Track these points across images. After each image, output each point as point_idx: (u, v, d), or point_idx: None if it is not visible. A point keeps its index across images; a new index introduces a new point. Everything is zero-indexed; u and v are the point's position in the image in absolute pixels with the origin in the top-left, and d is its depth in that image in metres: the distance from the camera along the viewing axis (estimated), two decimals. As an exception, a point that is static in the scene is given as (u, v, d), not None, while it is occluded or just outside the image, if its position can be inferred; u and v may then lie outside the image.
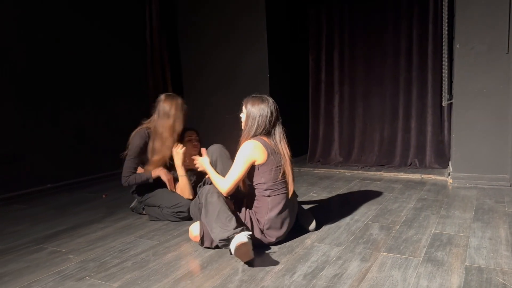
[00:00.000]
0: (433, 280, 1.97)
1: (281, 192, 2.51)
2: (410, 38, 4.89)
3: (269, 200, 2.50)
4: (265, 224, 2.49)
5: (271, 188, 2.49)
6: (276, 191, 2.50)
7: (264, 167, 2.48)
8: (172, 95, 3.17)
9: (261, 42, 5.25)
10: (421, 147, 4.92)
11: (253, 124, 2.51)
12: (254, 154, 2.46)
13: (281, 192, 2.51)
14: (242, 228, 2.30)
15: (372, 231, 2.71)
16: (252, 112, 2.51)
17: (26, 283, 2.18)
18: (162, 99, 3.12)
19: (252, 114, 2.51)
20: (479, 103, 3.83)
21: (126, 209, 3.54)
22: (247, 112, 2.54)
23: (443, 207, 3.21)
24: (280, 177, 2.50)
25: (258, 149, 2.46)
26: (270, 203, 2.49)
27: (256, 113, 2.50)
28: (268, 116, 2.50)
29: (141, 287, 2.06)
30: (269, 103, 2.52)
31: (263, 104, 2.51)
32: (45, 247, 2.71)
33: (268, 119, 2.50)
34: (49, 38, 4.50)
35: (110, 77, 5.20)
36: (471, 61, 3.82)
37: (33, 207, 3.82)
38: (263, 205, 2.51)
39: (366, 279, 2.02)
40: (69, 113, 4.72)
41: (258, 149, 2.46)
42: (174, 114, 3.07)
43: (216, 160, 2.69)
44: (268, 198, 2.50)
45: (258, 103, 2.51)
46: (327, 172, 4.92)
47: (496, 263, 2.15)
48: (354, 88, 5.27)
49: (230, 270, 2.20)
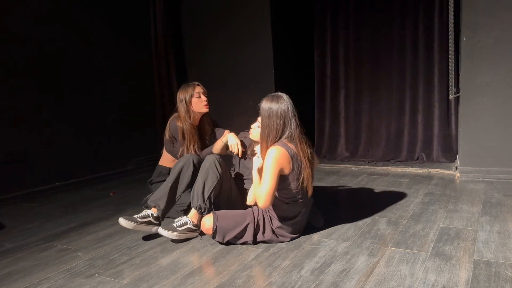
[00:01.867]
0: (441, 275, 1.97)
1: (299, 199, 2.46)
2: (416, 31, 4.86)
3: (286, 207, 2.47)
4: (277, 227, 2.48)
5: (291, 197, 2.43)
6: (295, 199, 2.45)
7: (289, 177, 2.38)
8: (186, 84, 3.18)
9: (266, 37, 5.24)
10: (428, 141, 4.89)
11: (271, 127, 2.35)
12: (281, 162, 2.30)
13: (299, 199, 2.46)
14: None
15: (380, 226, 2.71)
16: (268, 114, 2.35)
17: (35, 280, 2.20)
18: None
19: (269, 115, 2.35)
20: (486, 96, 3.80)
21: (134, 207, 3.56)
22: (262, 114, 2.39)
23: (451, 201, 3.19)
24: (300, 185, 2.40)
25: (284, 157, 2.31)
26: (286, 211, 2.47)
27: (273, 113, 2.34)
28: (286, 116, 2.35)
29: (149, 283, 2.08)
30: (284, 101, 2.36)
31: (279, 103, 2.35)
32: (54, 245, 2.74)
33: (286, 118, 2.35)
34: (57, 38, 4.52)
35: (118, 74, 5.22)
36: (478, 54, 3.79)
37: (42, 205, 3.86)
38: (280, 208, 2.47)
39: (374, 274, 2.02)
40: (77, 111, 4.75)
41: (284, 157, 2.31)
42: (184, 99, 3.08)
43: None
44: (286, 206, 2.46)
45: (274, 103, 2.35)
46: (333, 167, 4.91)
47: (504, 256, 2.14)
48: (360, 82, 5.24)
49: (238, 266, 2.21)
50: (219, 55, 5.62)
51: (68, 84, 4.66)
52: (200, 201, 2.61)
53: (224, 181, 2.69)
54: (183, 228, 2.63)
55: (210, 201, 2.63)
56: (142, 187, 4.31)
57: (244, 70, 5.43)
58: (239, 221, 2.48)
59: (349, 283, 1.94)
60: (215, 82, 5.67)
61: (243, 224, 2.47)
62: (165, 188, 2.79)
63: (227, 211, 2.59)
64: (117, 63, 5.21)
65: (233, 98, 5.36)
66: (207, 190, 2.61)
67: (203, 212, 2.62)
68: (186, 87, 3.11)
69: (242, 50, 5.44)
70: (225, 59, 5.58)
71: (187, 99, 3.06)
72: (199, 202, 2.62)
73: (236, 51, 5.49)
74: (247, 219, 2.49)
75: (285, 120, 2.36)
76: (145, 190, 3.96)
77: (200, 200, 2.62)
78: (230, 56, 5.55)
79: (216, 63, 5.65)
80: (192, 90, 3.07)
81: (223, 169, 2.67)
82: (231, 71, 5.55)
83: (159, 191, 2.82)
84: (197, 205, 2.63)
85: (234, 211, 2.60)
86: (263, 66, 5.28)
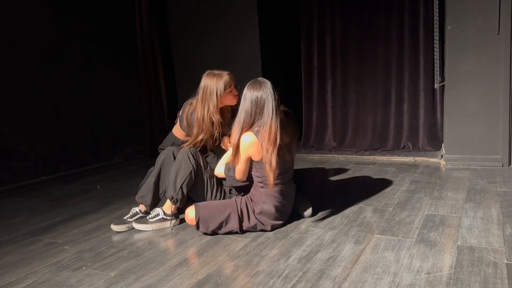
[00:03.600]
0: (426, 260, 2.00)
1: (276, 185, 2.46)
2: (401, 21, 4.87)
3: (262, 192, 2.50)
4: (258, 213, 2.51)
5: (264, 181, 2.48)
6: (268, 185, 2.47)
7: (259, 164, 2.44)
8: (212, 72, 2.86)
9: (252, 29, 5.22)
10: (414, 130, 4.94)
11: (249, 113, 2.37)
12: (249, 151, 2.40)
13: (276, 185, 2.46)
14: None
15: (366, 214, 2.74)
16: (248, 99, 2.37)
17: (22, 274, 2.19)
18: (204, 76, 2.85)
19: (248, 101, 2.37)
20: (471, 85, 3.84)
21: (121, 199, 3.55)
22: (243, 98, 2.41)
23: (436, 189, 3.24)
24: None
25: (254, 146, 2.37)
26: (262, 195, 2.50)
27: (252, 100, 2.36)
28: (260, 102, 2.35)
29: (137, 275, 2.08)
30: (267, 89, 2.36)
31: (261, 91, 2.35)
32: (41, 239, 2.72)
33: (260, 105, 2.35)
34: (40, 32, 4.45)
35: (103, 67, 5.16)
36: (462, 43, 3.82)
37: (28, 200, 3.82)
38: (257, 194, 2.53)
39: (360, 261, 2.05)
40: (62, 104, 4.69)
41: (254, 146, 2.37)
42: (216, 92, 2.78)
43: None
44: (261, 190, 2.50)
45: (255, 90, 2.37)
46: (321, 157, 4.94)
47: (487, 242, 2.18)
48: (346, 73, 5.25)
49: (226, 256, 2.22)
50: (206, 47, 5.59)
51: (53, 77, 4.59)
52: (172, 192, 2.67)
53: (198, 173, 2.72)
54: (155, 220, 2.75)
55: (183, 192, 2.67)
56: (129, 180, 4.30)
57: (231, 61, 5.39)
58: (222, 210, 2.50)
59: (335, 270, 1.97)
60: (202, 73, 5.64)
61: (226, 212, 2.49)
62: (149, 183, 2.84)
63: (209, 201, 2.68)
64: (102, 55, 5.15)
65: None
66: (179, 181, 2.66)
67: (176, 203, 2.70)
68: (218, 77, 2.79)
69: (229, 42, 5.42)
70: (211, 51, 5.55)
71: (220, 92, 2.77)
72: (171, 193, 2.68)
73: (223, 43, 5.46)
74: (229, 207, 2.50)
75: (259, 107, 2.36)
76: (132, 183, 3.95)
77: (172, 191, 2.68)
78: (217, 48, 5.52)
79: (203, 54, 5.62)
80: (226, 83, 2.79)
81: (196, 161, 2.71)
82: (218, 62, 5.47)
83: (144, 187, 2.87)
84: (170, 195, 2.70)
85: (217, 201, 2.67)
86: (250, 58, 5.27)
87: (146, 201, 2.81)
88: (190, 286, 1.92)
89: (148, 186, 2.84)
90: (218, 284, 1.92)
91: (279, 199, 2.51)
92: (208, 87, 2.78)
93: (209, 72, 2.85)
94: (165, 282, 1.98)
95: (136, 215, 2.81)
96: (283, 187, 2.52)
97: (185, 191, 2.67)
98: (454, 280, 1.79)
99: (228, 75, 2.82)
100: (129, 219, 2.78)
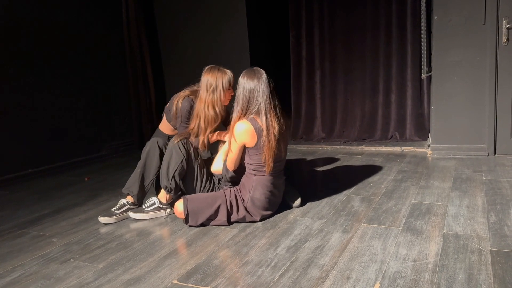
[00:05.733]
0: (412, 248, 2.03)
1: (266, 173, 2.51)
2: (389, 11, 4.88)
3: (254, 179, 2.52)
4: (248, 202, 2.51)
5: (257, 169, 2.51)
6: (261, 172, 2.51)
7: (253, 150, 2.48)
8: (215, 67, 2.82)
9: (240, 19, 5.19)
10: (401, 121, 4.98)
11: (245, 101, 2.43)
12: (243, 137, 2.43)
13: (266, 173, 2.51)
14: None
15: (353, 204, 2.77)
16: (244, 88, 2.42)
17: (9, 267, 2.17)
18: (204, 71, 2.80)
19: (244, 90, 2.42)
20: (457, 75, 3.88)
21: (109, 192, 3.53)
22: (238, 87, 2.45)
23: (423, 178, 3.28)
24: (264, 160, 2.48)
25: (248, 133, 2.41)
26: (254, 182, 2.52)
27: (248, 89, 2.41)
28: (254, 90, 2.41)
29: (126, 267, 2.07)
30: (262, 78, 2.42)
31: (256, 80, 2.41)
32: (28, 232, 2.70)
33: (253, 93, 2.41)
34: (23, 18, 4.37)
35: (89, 58, 5.09)
36: (449, 33, 3.85)
37: (15, 193, 3.77)
38: (248, 182, 2.54)
39: (348, 250, 2.07)
40: (48, 96, 4.62)
41: (248, 133, 2.41)
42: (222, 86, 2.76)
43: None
44: (254, 177, 2.52)
45: (251, 78, 2.42)
46: (310, 148, 4.96)
47: (472, 229, 2.22)
48: (335, 63, 5.26)
49: (215, 247, 2.23)
50: (193, 37, 5.54)
51: (40, 67, 4.52)
52: (165, 181, 2.72)
53: (188, 162, 2.75)
54: (151, 208, 2.79)
55: (175, 180, 2.71)
56: (116, 172, 4.28)
57: (219, 52, 5.37)
58: (211, 202, 2.51)
59: (323, 259, 1.99)
60: (189, 64, 5.61)
61: (215, 205, 2.50)
62: (135, 174, 2.86)
63: (198, 194, 2.71)
64: (88, 46, 5.07)
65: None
66: (171, 170, 2.70)
67: (170, 192, 2.75)
68: (222, 73, 2.77)
69: (217, 32, 5.38)
70: (199, 41, 5.51)
71: (225, 86, 2.76)
72: (165, 182, 2.73)
73: (211, 33, 5.42)
74: (218, 200, 2.51)
75: (252, 95, 2.42)
76: (120, 175, 3.93)
77: (165, 180, 2.72)
78: (204, 38, 5.48)
79: (191, 45, 5.57)
80: (229, 80, 2.78)
81: (186, 150, 2.74)
82: (205, 53, 5.48)
83: (130, 178, 2.88)
84: (164, 185, 2.74)
85: (205, 193, 2.69)
86: (238, 48, 5.24)
87: (132, 192, 2.83)
88: (179, 276, 1.93)
89: (134, 177, 2.85)
90: (207, 274, 1.93)
91: (270, 187, 2.53)
92: (215, 81, 2.74)
93: (212, 66, 2.81)
94: (154, 273, 1.98)
95: (124, 207, 2.81)
96: (275, 176, 2.56)
97: (177, 179, 2.72)
98: (439, 267, 1.82)
99: (230, 73, 2.81)
100: (117, 211, 2.78)
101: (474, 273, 1.76)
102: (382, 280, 1.75)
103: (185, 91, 2.92)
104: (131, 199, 2.83)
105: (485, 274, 1.75)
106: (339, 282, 1.77)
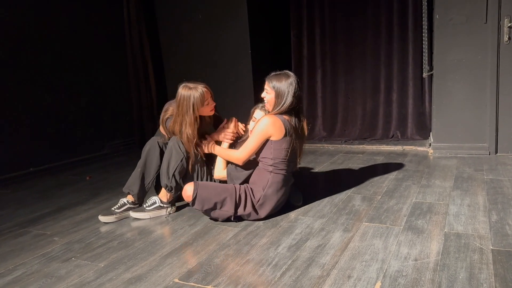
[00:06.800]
0: (413, 247, 2.03)
1: (283, 172, 2.54)
2: (390, 10, 4.87)
3: (270, 177, 2.53)
4: (260, 199, 2.52)
5: (276, 166, 2.52)
6: (279, 170, 2.53)
7: (277, 144, 2.50)
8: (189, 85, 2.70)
9: (241, 18, 5.17)
10: (403, 119, 4.97)
11: (282, 102, 2.49)
12: (270, 130, 2.47)
13: (283, 172, 2.54)
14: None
15: (355, 203, 2.76)
16: (281, 89, 2.48)
17: (11, 266, 2.17)
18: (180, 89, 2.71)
19: (281, 91, 2.48)
20: (459, 74, 3.87)
21: (110, 191, 3.53)
22: (275, 90, 2.50)
23: (424, 177, 3.27)
24: (288, 157, 2.53)
25: (276, 126, 2.47)
26: (270, 179, 2.52)
27: (285, 89, 2.48)
28: (296, 92, 2.49)
29: (127, 265, 2.08)
30: (293, 78, 2.50)
31: (290, 80, 2.49)
32: (29, 231, 2.70)
33: (296, 95, 2.49)
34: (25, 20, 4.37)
35: (91, 56, 5.09)
36: (450, 32, 3.84)
37: (16, 192, 3.78)
38: (263, 179, 2.54)
39: (349, 248, 2.07)
40: (50, 94, 4.62)
41: (276, 126, 2.47)
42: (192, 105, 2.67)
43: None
44: (270, 174, 2.53)
45: (284, 80, 2.49)
46: (311, 147, 4.95)
47: (473, 228, 2.21)
48: (336, 62, 5.26)
49: (216, 246, 2.23)
50: (195, 36, 5.53)
51: (41, 65, 4.52)
52: (166, 180, 2.73)
53: (189, 160, 2.76)
54: (152, 207, 2.81)
55: (176, 179, 2.72)
56: (117, 171, 4.28)
57: (220, 51, 5.37)
58: (220, 192, 2.51)
59: (324, 258, 1.99)
60: (191, 63, 5.61)
61: (223, 195, 2.50)
62: (136, 174, 2.86)
63: (209, 182, 2.75)
64: (90, 45, 5.07)
65: (209, 79, 5.29)
66: (172, 169, 2.72)
67: (170, 190, 2.76)
68: (194, 91, 2.65)
69: (218, 31, 5.37)
70: (200, 40, 5.50)
71: (197, 107, 2.67)
72: (165, 181, 2.74)
73: (212, 32, 5.41)
74: (228, 192, 2.52)
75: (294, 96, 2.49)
76: (121, 174, 3.93)
77: (165, 179, 2.73)
78: (206, 37, 5.47)
79: (192, 44, 5.57)
80: (202, 97, 2.66)
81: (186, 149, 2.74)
82: (206, 52, 5.48)
83: (131, 178, 2.88)
84: (164, 184, 2.75)
85: (216, 183, 2.70)
86: (240, 47, 5.23)
87: (133, 191, 2.83)
88: (180, 275, 1.93)
89: (134, 176, 2.86)
90: (208, 273, 1.93)
91: (283, 186, 2.56)
92: (184, 101, 2.66)
93: (184, 84, 2.71)
94: (155, 271, 1.99)
95: (124, 206, 2.82)
96: (288, 176, 2.61)
97: (177, 178, 2.72)
98: (441, 266, 1.82)
99: (205, 87, 2.70)
100: (117, 210, 2.79)
101: (475, 272, 1.76)
102: (383, 279, 1.75)
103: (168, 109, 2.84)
104: (132, 198, 2.84)
105: (486, 273, 1.74)
106: (340, 281, 1.77)
